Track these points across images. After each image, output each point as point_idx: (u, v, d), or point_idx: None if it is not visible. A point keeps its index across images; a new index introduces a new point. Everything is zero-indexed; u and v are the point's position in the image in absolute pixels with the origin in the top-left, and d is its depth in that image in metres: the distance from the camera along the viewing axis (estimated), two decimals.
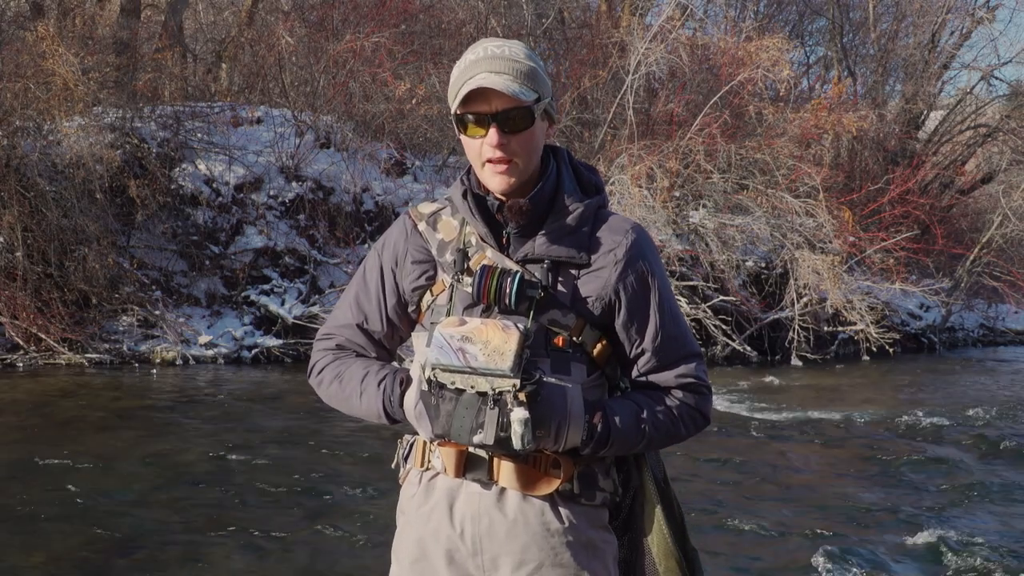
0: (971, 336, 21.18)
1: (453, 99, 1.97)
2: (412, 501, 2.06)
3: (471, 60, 1.95)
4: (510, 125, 1.92)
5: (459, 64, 1.99)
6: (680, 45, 16.30)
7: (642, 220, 13.95)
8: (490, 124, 1.92)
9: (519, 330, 1.86)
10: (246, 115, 15.45)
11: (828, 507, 6.59)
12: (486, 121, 1.92)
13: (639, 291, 2.01)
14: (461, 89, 1.93)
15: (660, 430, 2.01)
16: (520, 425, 1.81)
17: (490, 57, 1.93)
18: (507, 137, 1.92)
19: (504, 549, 1.96)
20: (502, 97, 1.91)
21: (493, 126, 1.92)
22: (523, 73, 1.93)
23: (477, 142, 1.95)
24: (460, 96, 1.93)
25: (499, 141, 1.92)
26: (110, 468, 6.78)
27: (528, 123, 1.94)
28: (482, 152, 1.94)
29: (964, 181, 22.73)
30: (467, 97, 1.92)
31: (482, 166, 1.96)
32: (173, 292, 13.25)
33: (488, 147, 1.93)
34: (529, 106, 1.93)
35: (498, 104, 1.91)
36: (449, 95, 2.00)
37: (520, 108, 1.92)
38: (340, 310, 2.18)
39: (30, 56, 12.72)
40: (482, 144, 1.94)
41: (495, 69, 1.91)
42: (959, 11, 22.74)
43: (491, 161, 1.94)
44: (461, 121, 1.96)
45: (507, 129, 1.92)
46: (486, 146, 1.93)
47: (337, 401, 2.14)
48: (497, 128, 1.92)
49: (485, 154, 1.94)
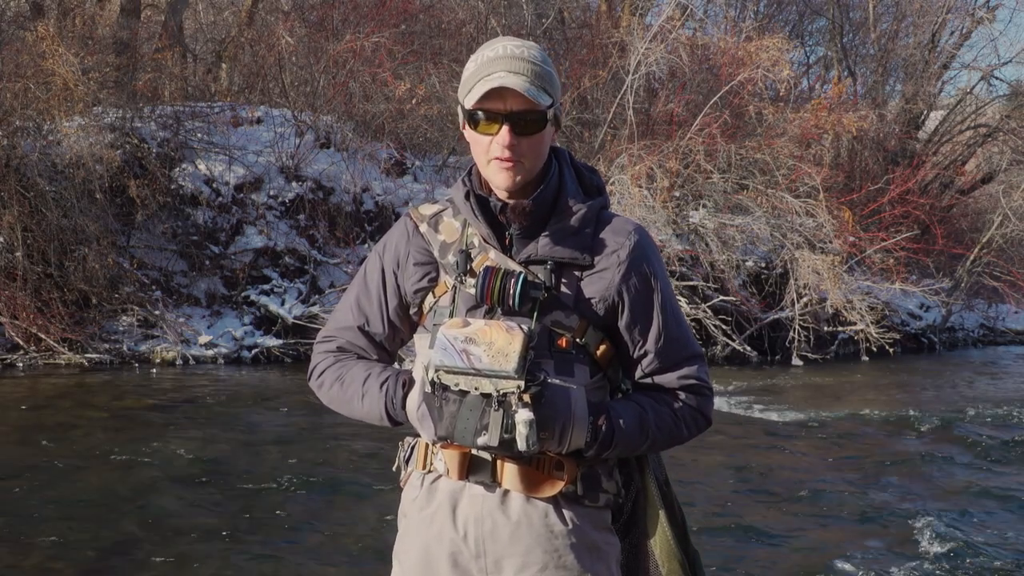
0: (971, 336, 21.17)
1: (466, 94, 1.95)
2: (414, 504, 2.05)
3: (489, 57, 1.94)
4: (522, 127, 1.92)
5: (475, 59, 1.97)
6: (680, 45, 16.29)
7: (642, 220, 13.94)
8: (503, 123, 1.91)
9: (523, 331, 1.85)
10: (246, 115, 15.43)
11: (828, 507, 6.59)
12: (499, 119, 1.91)
13: (642, 292, 2.01)
14: (478, 85, 1.92)
15: (663, 431, 2.00)
16: (525, 426, 1.80)
17: (509, 56, 1.92)
18: (518, 139, 1.92)
19: (508, 551, 1.95)
20: (518, 98, 1.90)
21: (506, 125, 1.91)
22: (540, 76, 1.92)
23: (486, 139, 1.94)
24: (477, 93, 1.91)
25: (510, 141, 1.91)
26: (110, 468, 6.77)
27: (540, 127, 1.94)
28: (490, 149, 1.94)
29: (964, 181, 22.71)
30: (482, 96, 1.90)
31: (488, 163, 1.96)
32: (173, 292, 13.24)
33: (498, 146, 1.92)
34: (543, 111, 1.92)
35: (513, 104, 1.91)
36: (461, 89, 1.98)
37: (534, 112, 1.92)
38: (340, 312, 2.17)
39: (30, 56, 12.70)
40: (491, 142, 1.93)
41: (513, 69, 1.90)
42: (959, 11, 22.73)
43: (498, 159, 1.93)
44: (472, 117, 1.95)
45: (519, 131, 1.92)
46: (496, 144, 1.92)
47: (338, 404, 2.13)
48: (510, 128, 1.91)
49: (493, 152, 1.93)
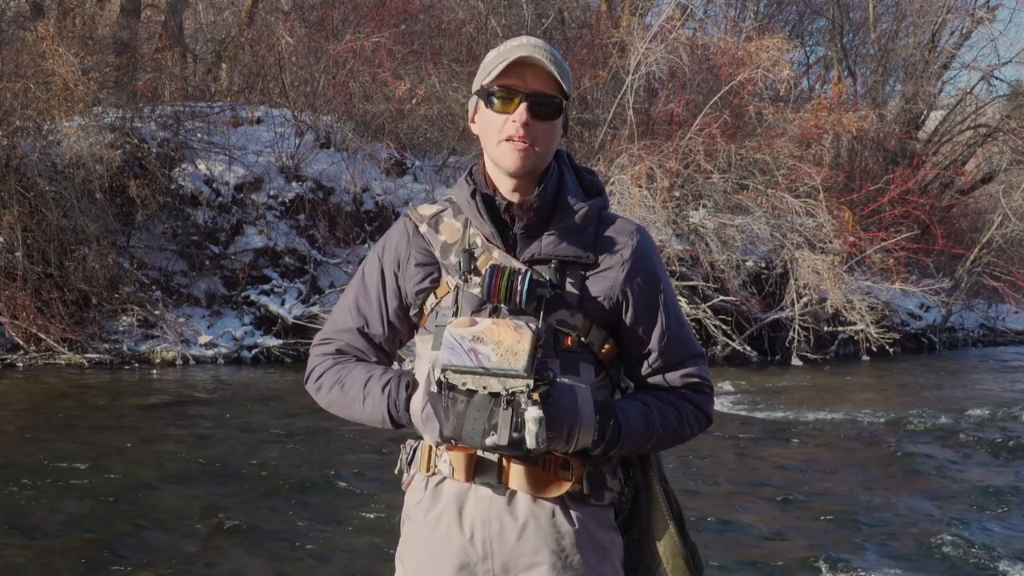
0: (971, 336, 21.18)
1: (485, 76, 1.96)
2: (419, 507, 2.03)
3: (512, 45, 1.96)
4: (539, 111, 1.93)
5: (496, 48, 2.00)
6: (680, 45, 16.30)
7: (642, 220, 13.94)
8: (521, 102, 1.93)
9: (531, 330, 1.84)
10: (246, 115, 15.44)
11: (827, 507, 6.59)
12: (517, 97, 1.93)
13: (646, 292, 2.01)
14: (500, 64, 1.93)
15: (668, 430, 2.00)
16: (535, 424, 1.79)
17: (533, 45, 1.95)
18: (533, 121, 1.93)
19: (515, 552, 1.94)
20: (539, 79, 1.93)
21: (524, 104, 1.92)
22: (561, 66, 1.95)
23: (501, 118, 1.94)
24: (499, 68, 1.93)
25: (526, 120, 1.92)
26: (110, 468, 6.77)
27: (555, 115, 1.95)
28: (504, 128, 1.94)
29: (964, 181, 22.73)
30: (504, 70, 1.92)
31: (498, 143, 1.95)
32: (173, 292, 13.25)
33: (513, 124, 1.93)
34: (559, 99, 1.95)
35: (534, 85, 1.93)
36: (480, 74, 2.00)
37: (552, 97, 1.94)
38: (339, 314, 2.15)
39: (30, 56, 12.72)
40: (506, 121, 1.94)
41: (537, 54, 1.93)
42: (959, 11, 22.75)
43: (512, 138, 1.93)
44: (489, 96, 1.95)
45: (535, 113, 1.93)
46: (511, 122, 1.93)
47: (338, 407, 2.11)
48: (528, 107, 1.92)
49: (507, 131, 1.94)
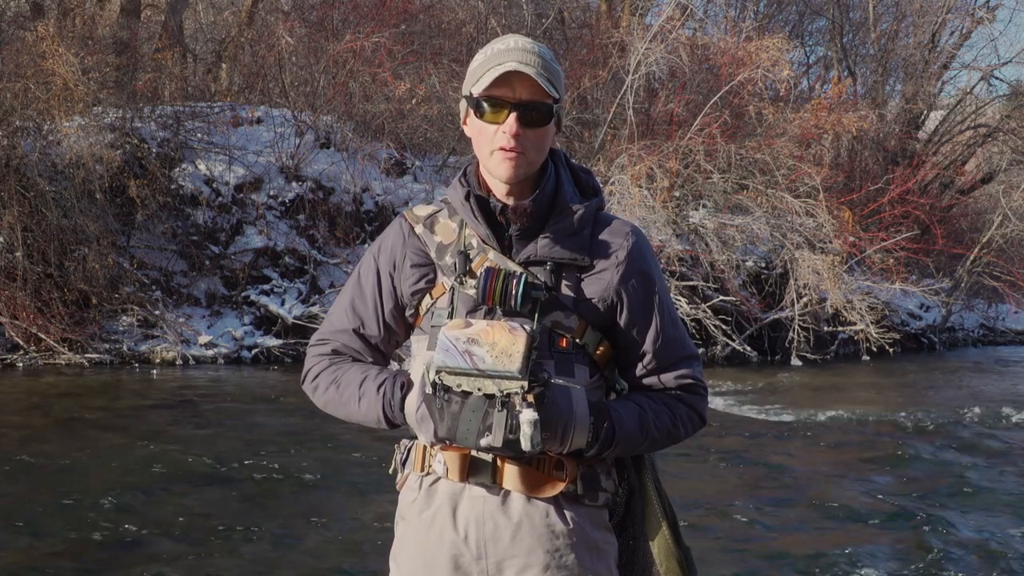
0: (971, 336, 21.19)
1: (474, 83, 1.96)
2: (413, 507, 2.03)
3: (500, 49, 1.95)
4: (529, 118, 1.93)
5: (484, 51, 1.98)
6: (680, 45, 16.29)
7: (642, 220, 13.95)
8: (511, 112, 1.92)
9: (526, 331, 1.85)
10: (246, 115, 15.44)
11: (827, 507, 6.59)
12: (507, 108, 1.92)
13: (640, 293, 2.01)
14: (488, 73, 1.92)
15: (662, 431, 2.01)
16: (529, 426, 1.80)
17: (521, 49, 1.93)
18: (524, 129, 1.92)
19: (509, 552, 1.95)
20: (527, 88, 1.91)
21: (514, 114, 1.92)
22: (549, 70, 1.94)
23: (492, 128, 1.94)
24: (487, 80, 1.92)
25: (517, 130, 1.91)
26: (110, 468, 6.78)
27: (546, 120, 1.95)
28: (495, 139, 1.94)
29: (964, 181, 22.72)
30: (493, 81, 1.91)
31: (491, 153, 1.95)
32: (173, 292, 13.25)
33: (503, 135, 1.93)
34: (550, 104, 1.94)
35: (522, 93, 1.92)
36: (468, 79, 1.99)
37: (542, 104, 1.93)
38: (335, 315, 2.16)
39: (30, 56, 12.72)
40: (497, 131, 1.93)
41: (525, 61, 1.91)
42: (959, 11, 22.73)
43: (503, 149, 1.93)
44: (479, 105, 1.95)
45: (525, 122, 1.92)
46: (501, 133, 1.93)
47: (334, 407, 2.12)
48: (517, 117, 1.92)
49: (498, 141, 1.93)
